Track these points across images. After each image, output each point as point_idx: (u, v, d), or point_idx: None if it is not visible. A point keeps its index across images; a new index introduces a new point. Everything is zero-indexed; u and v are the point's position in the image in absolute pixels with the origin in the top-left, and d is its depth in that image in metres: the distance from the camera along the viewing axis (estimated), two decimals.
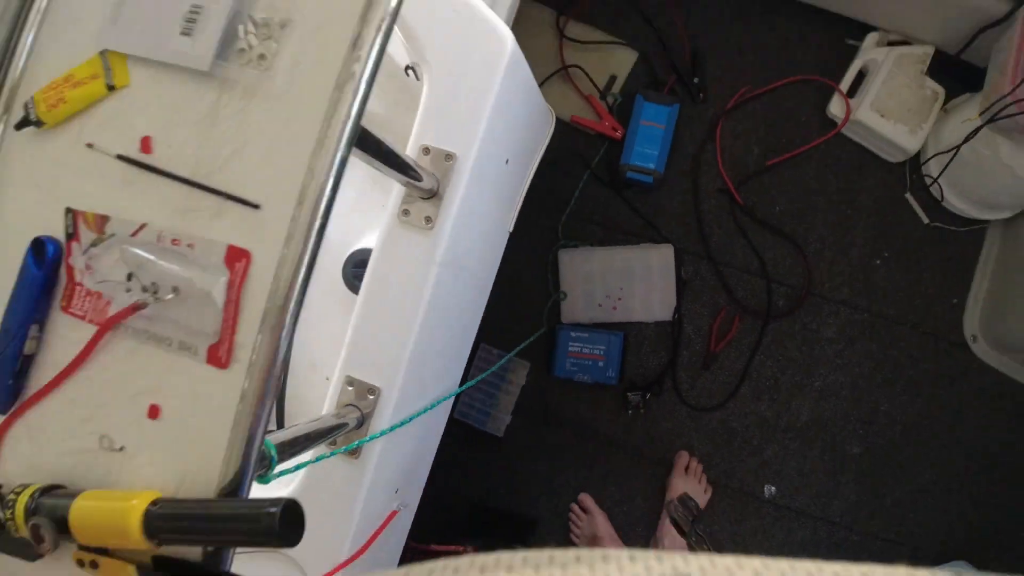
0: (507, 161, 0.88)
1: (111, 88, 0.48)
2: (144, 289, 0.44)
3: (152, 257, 0.44)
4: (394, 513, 0.82)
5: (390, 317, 0.73)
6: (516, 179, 1.00)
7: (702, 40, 1.47)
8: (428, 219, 0.72)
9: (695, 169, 1.46)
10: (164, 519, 0.42)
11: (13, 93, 0.53)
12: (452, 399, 0.95)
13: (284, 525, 0.39)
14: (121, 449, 0.48)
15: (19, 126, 0.51)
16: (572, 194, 1.47)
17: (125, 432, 0.47)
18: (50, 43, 0.52)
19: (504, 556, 0.21)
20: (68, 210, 0.48)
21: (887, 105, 1.33)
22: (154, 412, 0.46)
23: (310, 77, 0.45)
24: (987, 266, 1.38)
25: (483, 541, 1.42)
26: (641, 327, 1.45)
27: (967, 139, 1.15)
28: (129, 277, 0.45)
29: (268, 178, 0.44)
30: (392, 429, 0.72)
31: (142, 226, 0.46)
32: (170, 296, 0.44)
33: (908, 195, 1.40)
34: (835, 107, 1.40)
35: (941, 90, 1.31)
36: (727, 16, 1.47)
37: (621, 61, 1.49)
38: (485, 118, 0.72)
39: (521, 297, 1.47)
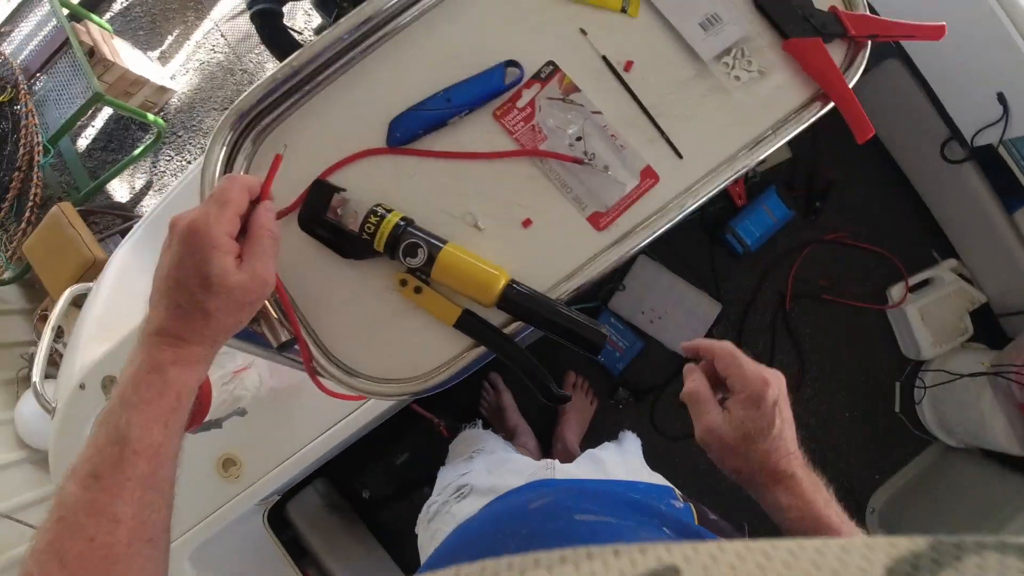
0: None
1: (623, 10, 0.65)
2: (585, 153, 0.62)
3: (601, 137, 0.63)
4: None
5: None
6: None
7: (843, 177, 1.71)
8: None
9: (773, 265, 1.71)
10: (519, 296, 0.61)
11: None
12: None
13: (604, 345, 0.59)
14: (479, 228, 0.65)
15: None
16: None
17: (490, 220, 0.65)
18: None
19: (489, 564, 0.19)
20: (550, 63, 0.65)
21: (930, 314, 1.63)
22: (527, 224, 0.64)
23: (755, 111, 0.64)
24: (915, 469, 1.71)
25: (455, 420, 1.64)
26: (660, 348, 1.70)
27: (971, 375, 1.46)
28: (579, 139, 0.63)
29: (697, 145, 0.63)
30: None
31: (599, 112, 0.64)
32: (599, 167, 0.62)
33: (897, 384, 1.71)
34: (895, 291, 1.68)
35: (972, 330, 1.62)
36: (876, 176, 1.71)
37: (775, 151, 1.71)
38: None
39: None
